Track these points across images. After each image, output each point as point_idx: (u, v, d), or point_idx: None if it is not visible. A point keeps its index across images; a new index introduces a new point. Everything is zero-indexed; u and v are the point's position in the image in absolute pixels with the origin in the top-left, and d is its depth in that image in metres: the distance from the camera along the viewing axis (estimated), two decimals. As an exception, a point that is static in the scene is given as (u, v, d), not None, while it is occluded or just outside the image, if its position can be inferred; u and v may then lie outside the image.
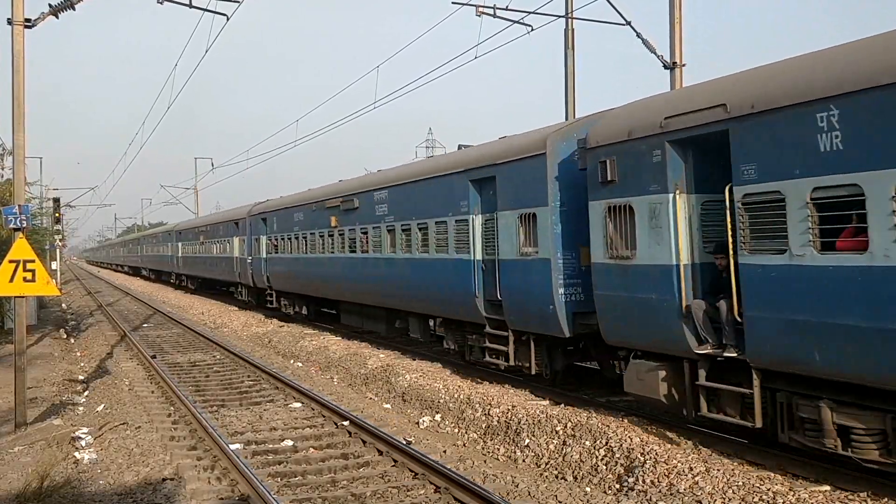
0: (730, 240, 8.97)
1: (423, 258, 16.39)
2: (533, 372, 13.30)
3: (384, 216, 18.48)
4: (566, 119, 19.69)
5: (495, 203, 13.74)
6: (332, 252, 22.11)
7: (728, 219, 8.96)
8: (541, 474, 9.99)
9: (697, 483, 8.48)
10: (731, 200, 8.90)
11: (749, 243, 8.74)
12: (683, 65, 18.65)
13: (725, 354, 9.29)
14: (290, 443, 11.69)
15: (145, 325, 30.80)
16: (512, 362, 13.71)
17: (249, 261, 31.14)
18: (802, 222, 8.07)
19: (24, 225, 13.53)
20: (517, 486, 9.31)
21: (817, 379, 8.22)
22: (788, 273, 8.23)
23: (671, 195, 9.79)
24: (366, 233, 19.49)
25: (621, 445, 9.71)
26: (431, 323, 17.63)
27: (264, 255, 29.21)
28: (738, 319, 8.97)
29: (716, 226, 9.71)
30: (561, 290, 12.15)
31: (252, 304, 32.96)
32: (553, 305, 12.21)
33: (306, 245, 24.48)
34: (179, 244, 48.50)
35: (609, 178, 10.63)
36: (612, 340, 11.29)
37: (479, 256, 14.35)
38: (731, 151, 8.88)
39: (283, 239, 27.14)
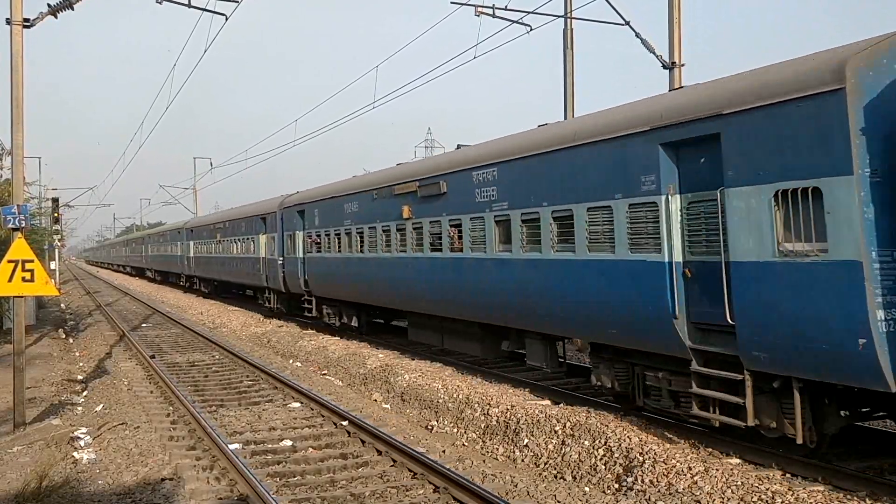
0: None
1: (564, 259, 12.00)
2: (799, 440, 8.69)
3: (491, 202, 13.99)
4: (565, 118, 19.64)
5: (716, 175, 9.35)
6: (403, 251, 17.57)
7: None
8: (540, 474, 9.99)
9: (696, 483, 8.48)
10: None
11: None
12: (682, 65, 18.66)
13: None
14: (289, 443, 11.69)
15: (144, 325, 30.79)
16: (750, 421, 9.13)
17: (281, 261, 26.93)
18: None
19: (23, 225, 13.53)
20: (516, 486, 9.31)
21: None
22: None
23: None
24: (458, 226, 15.16)
25: (620, 445, 9.71)
26: (561, 347, 14.29)
27: (301, 255, 24.93)
28: None
29: None
30: (880, 314, 7.69)
31: (282, 312, 28.89)
32: (867, 339, 7.67)
33: (362, 242, 19.96)
34: (191, 243, 44.45)
35: None
36: None
37: (677, 257, 9.96)
38: None
39: (327, 235, 22.62)
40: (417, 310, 17.95)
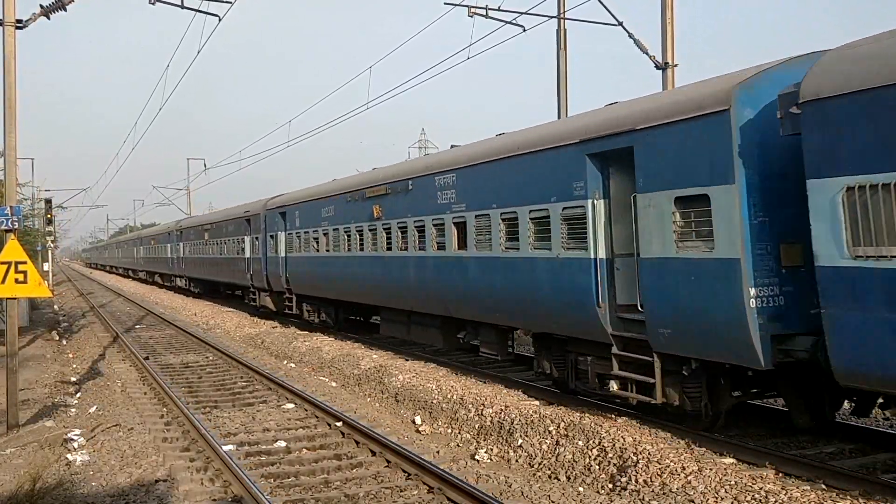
0: None
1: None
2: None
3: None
4: (559, 118, 19.66)
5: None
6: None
7: None
8: (534, 474, 10.00)
9: (690, 482, 8.50)
10: None
11: None
12: (675, 65, 18.70)
13: None
14: (283, 444, 11.68)
15: (137, 326, 30.72)
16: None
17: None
18: None
19: (17, 226, 13.49)
20: (510, 487, 9.32)
21: None
22: None
23: None
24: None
25: (614, 445, 9.73)
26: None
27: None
28: None
29: None
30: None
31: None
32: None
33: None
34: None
35: None
36: None
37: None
38: None
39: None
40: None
